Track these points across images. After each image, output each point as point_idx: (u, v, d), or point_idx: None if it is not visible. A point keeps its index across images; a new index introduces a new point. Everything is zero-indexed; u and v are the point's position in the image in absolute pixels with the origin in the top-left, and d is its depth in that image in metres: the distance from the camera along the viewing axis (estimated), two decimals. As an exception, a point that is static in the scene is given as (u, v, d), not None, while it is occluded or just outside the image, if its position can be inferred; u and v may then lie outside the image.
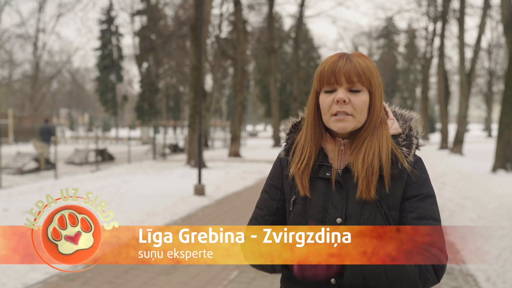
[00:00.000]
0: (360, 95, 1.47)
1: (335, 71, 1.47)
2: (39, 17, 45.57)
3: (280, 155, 1.64)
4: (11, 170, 15.54)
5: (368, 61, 1.51)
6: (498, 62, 49.59)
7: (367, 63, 1.50)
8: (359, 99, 1.47)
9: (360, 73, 1.46)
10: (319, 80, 1.51)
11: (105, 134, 45.16)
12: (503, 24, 15.56)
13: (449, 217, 8.22)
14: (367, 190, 1.44)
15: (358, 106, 1.47)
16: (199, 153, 11.53)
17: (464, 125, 25.11)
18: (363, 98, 1.47)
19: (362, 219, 1.44)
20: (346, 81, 1.47)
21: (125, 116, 79.11)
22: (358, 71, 1.46)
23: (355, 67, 1.46)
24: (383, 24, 50.29)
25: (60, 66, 52.65)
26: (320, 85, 1.51)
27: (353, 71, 1.46)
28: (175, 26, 30.72)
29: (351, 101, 1.46)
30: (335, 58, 1.50)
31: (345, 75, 1.46)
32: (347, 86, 1.47)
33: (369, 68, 1.49)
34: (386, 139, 1.49)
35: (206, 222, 8.18)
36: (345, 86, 1.47)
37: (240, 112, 23.82)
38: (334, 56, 1.51)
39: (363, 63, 1.49)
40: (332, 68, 1.48)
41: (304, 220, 1.50)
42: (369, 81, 1.48)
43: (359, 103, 1.47)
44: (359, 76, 1.46)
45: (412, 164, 1.49)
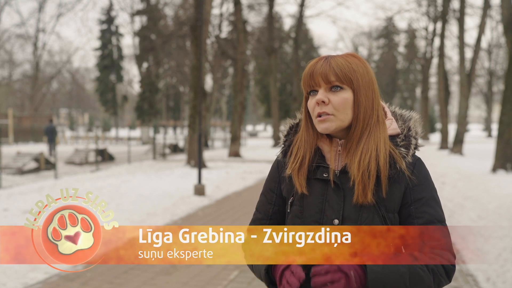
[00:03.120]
0: (340, 94, 1.46)
1: (312, 73, 1.48)
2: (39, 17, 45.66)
3: (277, 157, 1.64)
4: (11, 170, 15.54)
5: (353, 59, 1.49)
6: (498, 62, 49.61)
7: (349, 61, 1.48)
8: (339, 97, 1.46)
9: (337, 72, 1.46)
10: (303, 84, 1.53)
11: (105, 134, 45.13)
12: (503, 24, 15.56)
13: (449, 217, 8.21)
14: (363, 194, 1.43)
15: (338, 104, 1.46)
16: (199, 153, 11.53)
17: (464, 125, 25.11)
18: (344, 96, 1.46)
19: (360, 221, 1.43)
20: (323, 81, 1.47)
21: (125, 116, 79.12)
22: (334, 70, 1.46)
23: (332, 67, 1.46)
24: (383, 24, 50.28)
25: (60, 66, 52.68)
26: (305, 89, 1.53)
27: (330, 71, 1.46)
28: (175, 26, 30.71)
29: (331, 101, 1.46)
30: (315, 61, 1.52)
31: (322, 75, 1.46)
32: (326, 87, 1.47)
33: (350, 66, 1.47)
34: (384, 141, 1.48)
35: (206, 222, 8.18)
36: (324, 87, 1.47)
37: (240, 112, 23.81)
38: (315, 60, 1.53)
39: (344, 62, 1.47)
40: (310, 71, 1.49)
41: (301, 222, 1.49)
42: (349, 78, 1.46)
43: (339, 101, 1.46)
44: (336, 74, 1.46)
45: (411, 165, 1.49)
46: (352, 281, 1.32)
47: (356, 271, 1.34)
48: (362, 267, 1.34)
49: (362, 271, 1.34)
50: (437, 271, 1.40)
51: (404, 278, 1.35)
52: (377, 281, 1.33)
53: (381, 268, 1.34)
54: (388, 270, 1.34)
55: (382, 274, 1.33)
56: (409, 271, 1.36)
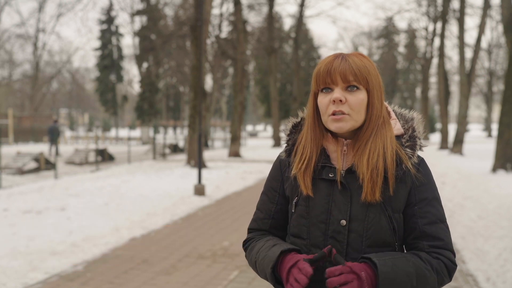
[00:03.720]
0: (357, 94, 1.45)
1: (330, 71, 1.46)
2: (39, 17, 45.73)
3: (280, 156, 1.62)
4: (11, 170, 15.54)
5: (365, 60, 1.49)
6: (498, 62, 49.63)
7: (364, 61, 1.48)
8: (356, 98, 1.45)
9: (356, 72, 1.45)
10: (316, 80, 1.50)
11: (105, 134, 45.16)
12: (503, 24, 15.56)
13: (449, 217, 8.21)
14: (372, 192, 1.43)
15: (355, 105, 1.45)
16: (199, 153, 11.53)
17: (464, 125, 25.12)
18: (360, 97, 1.46)
19: (367, 221, 1.43)
20: (342, 80, 1.45)
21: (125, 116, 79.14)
22: (353, 70, 1.45)
23: (351, 66, 1.45)
24: (383, 24, 50.32)
25: (60, 66, 52.69)
26: (317, 86, 1.50)
27: (349, 70, 1.45)
28: (175, 26, 30.70)
29: (347, 100, 1.45)
30: (331, 58, 1.49)
31: (341, 74, 1.45)
32: (343, 86, 1.46)
33: (366, 66, 1.47)
34: (391, 140, 1.48)
35: (206, 222, 8.18)
36: (341, 86, 1.46)
37: (240, 112, 23.81)
38: (330, 56, 1.50)
39: (360, 61, 1.47)
40: (327, 68, 1.47)
41: (307, 222, 1.48)
42: (366, 79, 1.46)
43: (356, 102, 1.45)
44: (354, 74, 1.45)
45: (416, 165, 1.49)
46: (364, 282, 1.33)
47: (367, 272, 1.34)
48: (372, 268, 1.35)
49: (373, 272, 1.35)
50: (441, 270, 1.43)
51: (411, 279, 1.37)
52: (387, 282, 1.34)
53: (391, 269, 1.35)
54: (397, 271, 1.36)
55: (392, 275, 1.34)
56: (416, 271, 1.38)
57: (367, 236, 1.43)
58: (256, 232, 1.63)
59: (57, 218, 8.02)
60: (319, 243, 1.45)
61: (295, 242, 1.50)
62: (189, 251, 6.26)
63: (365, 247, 1.43)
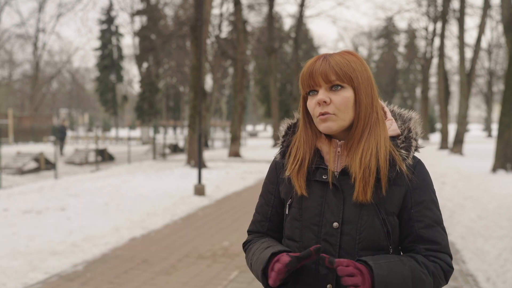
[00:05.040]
0: (341, 93, 1.44)
1: (312, 73, 1.46)
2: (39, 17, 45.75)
3: (275, 158, 1.62)
4: (11, 170, 15.54)
5: (350, 56, 1.47)
6: (498, 62, 49.62)
7: (347, 59, 1.46)
8: (341, 97, 1.44)
9: (337, 71, 1.43)
10: (301, 85, 1.50)
11: (105, 134, 45.13)
12: (503, 24, 15.56)
13: (449, 217, 8.21)
14: (363, 192, 1.41)
15: (340, 104, 1.44)
16: (199, 153, 11.53)
17: (464, 125, 25.11)
18: (345, 95, 1.44)
19: (360, 223, 1.42)
20: (324, 81, 1.44)
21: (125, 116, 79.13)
22: (334, 69, 1.43)
23: (331, 66, 1.44)
24: (383, 24, 50.29)
25: (60, 66, 52.69)
26: (303, 89, 1.50)
27: (330, 69, 1.44)
28: (175, 26, 30.71)
29: (332, 100, 1.44)
30: (313, 60, 1.49)
31: (322, 75, 1.44)
32: (327, 86, 1.45)
33: (349, 64, 1.45)
34: (384, 140, 1.46)
35: (206, 222, 8.18)
36: (325, 86, 1.45)
37: (240, 112, 23.81)
38: (313, 59, 1.50)
39: (342, 59, 1.45)
40: (309, 70, 1.47)
41: (300, 224, 1.48)
42: (349, 77, 1.44)
43: (340, 101, 1.44)
44: (336, 73, 1.43)
45: (412, 167, 1.47)
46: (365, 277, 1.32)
47: (366, 272, 1.34)
48: (369, 270, 1.34)
49: (369, 275, 1.34)
50: (437, 273, 1.42)
51: (407, 282, 1.36)
52: (383, 285, 1.33)
53: (387, 272, 1.34)
54: (393, 274, 1.35)
55: (388, 278, 1.33)
56: (412, 274, 1.37)
57: (360, 239, 1.41)
58: (255, 234, 1.63)
59: (57, 218, 8.03)
60: (311, 246, 1.42)
61: (289, 245, 1.50)
62: (189, 251, 6.26)
63: (358, 250, 1.41)
